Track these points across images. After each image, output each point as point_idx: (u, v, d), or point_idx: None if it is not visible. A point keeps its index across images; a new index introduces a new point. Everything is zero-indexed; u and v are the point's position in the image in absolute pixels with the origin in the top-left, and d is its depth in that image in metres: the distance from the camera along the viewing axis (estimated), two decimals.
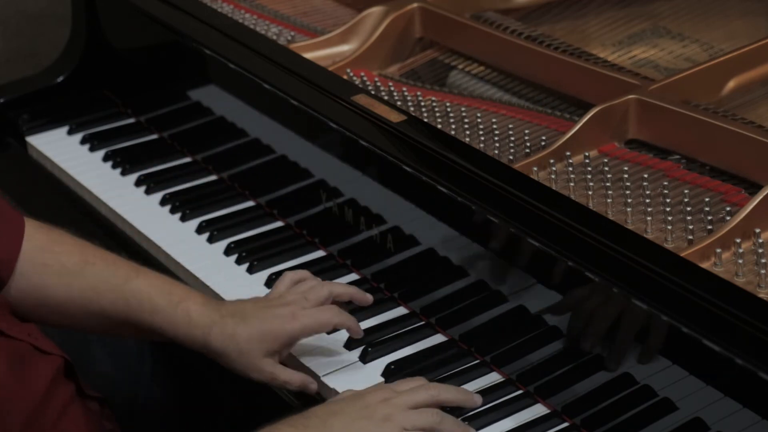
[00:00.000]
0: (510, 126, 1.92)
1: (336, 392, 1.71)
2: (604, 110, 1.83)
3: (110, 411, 1.78)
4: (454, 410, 1.63)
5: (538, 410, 1.65)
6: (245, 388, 1.86)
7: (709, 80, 1.90)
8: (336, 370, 1.75)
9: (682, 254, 1.55)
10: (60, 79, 2.51)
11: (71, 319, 1.76)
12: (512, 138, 1.90)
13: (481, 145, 1.90)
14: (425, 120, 1.93)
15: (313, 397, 1.73)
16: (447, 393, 1.62)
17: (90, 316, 1.74)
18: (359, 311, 1.84)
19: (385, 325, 1.82)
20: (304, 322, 1.70)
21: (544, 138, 1.87)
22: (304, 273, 1.81)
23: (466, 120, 1.95)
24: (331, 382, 1.73)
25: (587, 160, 1.79)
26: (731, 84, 1.92)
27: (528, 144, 1.86)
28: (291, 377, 1.69)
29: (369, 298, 1.80)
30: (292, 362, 1.78)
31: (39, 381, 1.61)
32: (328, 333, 1.77)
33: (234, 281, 1.95)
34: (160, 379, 2.04)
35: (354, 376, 1.74)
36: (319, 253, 2.01)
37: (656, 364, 1.52)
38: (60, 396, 1.63)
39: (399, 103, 2.01)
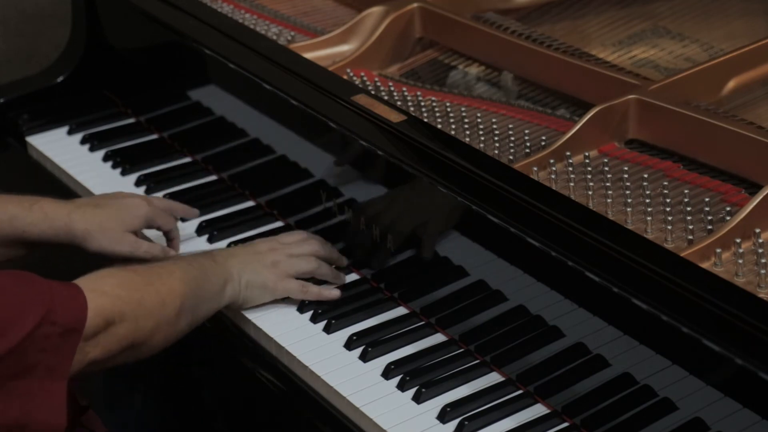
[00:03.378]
0: (510, 126, 1.92)
1: (336, 392, 1.71)
2: (604, 110, 1.83)
3: (94, 414, 1.81)
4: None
5: (538, 410, 1.65)
6: (236, 405, 1.88)
7: (709, 80, 1.90)
8: (336, 370, 1.75)
9: (682, 254, 1.55)
10: (60, 79, 2.51)
11: None
12: (512, 138, 1.90)
13: (481, 145, 1.90)
14: (425, 120, 1.93)
15: (296, 385, 1.74)
16: (323, 249, 1.89)
17: None
18: (359, 311, 1.84)
19: (385, 325, 1.82)
20: (157, 204, 1.93)
21: (544, 138, 1.87)
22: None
23: (466, 120, 1.95)
24: (331, 381, 1.73)
25: (587, 160, 1.79)
26: (731, 84, 1.92)
27: (528, 144, 1.86)
28: (152, 246, 1.86)
29: (196, 211, 2.06)
30: (293, 362, 1.78)
31: None
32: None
33: None
34: (152, 392, 2.05)
35: (354, 375, 1.74)
36: None
37: (656, 364, 1.52)
38: None
39: (399, 103, 2.01)
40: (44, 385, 1.50)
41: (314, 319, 1.84)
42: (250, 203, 2.16)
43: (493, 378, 1.71)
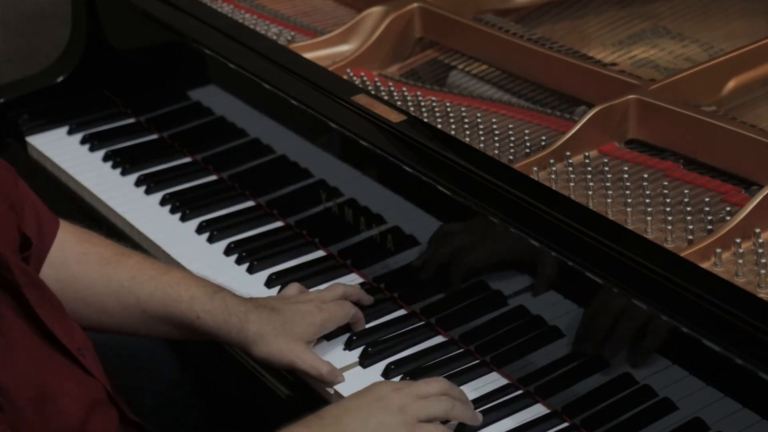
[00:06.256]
0: (510, 126, 1.92)
1: (337, 393, 1.71)
2: (604, 110, 1.83)
3: None
4: None
5: (538, 410, 1.65)
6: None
7: (709, 80, 1.90)
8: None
9: (682, 254, 1.55)
10: (60, 79, 2.51)
11: (107, 316, 1.77)
12: (512, 138, 1.90)
13: (481, 145, 1.90)
14: (425, 120, 1.94)
15: (311, 390, 1.74)
16: (453, 390, 1.62)
17: (126, 311, 1.76)
18: None
19: (385, 325, 1.82)
20: (331, 311, 1.77)
21: (544, 138, 1.87)
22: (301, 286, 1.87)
23: (466, 120, 1.95)
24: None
25: (587, 160, 1.79)
26: (731, 84, 1.92)
27: (528, 144, 1.86)
28: (317, 363, 1.71)
29: (370, 298, 1.86)
30: None
31: (76, 404, 1.57)
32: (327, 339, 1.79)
33: (234, 281, 1.95)
34: (199, 410, 2.01)
35: (354, 376, 1.73)
36: (319, 253, 2.01)
37: (656, 364, 1.52)
38: (101, 422, 1.60)
39: (399, 103, 2.01)
40: None
41: None
42: (250, 203, 2.16)
43: (493, 378, 1.71)
